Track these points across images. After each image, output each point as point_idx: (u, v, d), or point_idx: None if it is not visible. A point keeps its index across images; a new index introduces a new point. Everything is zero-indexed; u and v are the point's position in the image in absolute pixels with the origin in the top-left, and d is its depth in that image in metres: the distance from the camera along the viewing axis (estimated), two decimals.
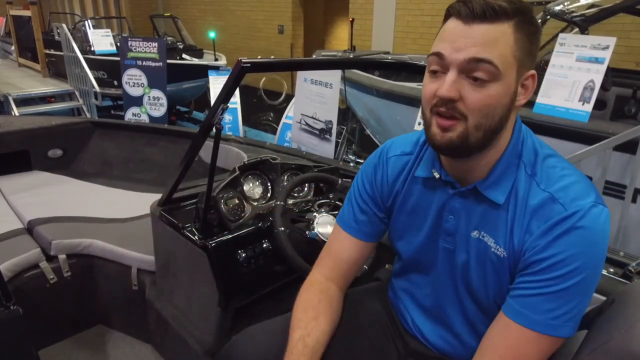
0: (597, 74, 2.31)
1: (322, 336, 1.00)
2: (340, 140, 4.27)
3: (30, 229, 2.05)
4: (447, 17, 0.82)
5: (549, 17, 2.88)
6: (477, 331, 0.96)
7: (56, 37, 7.11)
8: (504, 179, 0.86)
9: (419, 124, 3.05)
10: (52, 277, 1.88)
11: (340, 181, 1.62)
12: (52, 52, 7.10)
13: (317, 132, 3.56)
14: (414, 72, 1.68)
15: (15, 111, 5.66)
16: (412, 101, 3.42)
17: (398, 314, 1.13)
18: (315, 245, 1.44)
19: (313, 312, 1.02)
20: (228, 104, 1.26)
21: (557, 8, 2.81)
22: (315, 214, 1.49)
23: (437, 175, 0.94)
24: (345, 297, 1.16)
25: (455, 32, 0.79)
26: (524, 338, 0.80)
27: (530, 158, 0.86)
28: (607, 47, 2.29)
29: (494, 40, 0.77)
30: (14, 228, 2.04)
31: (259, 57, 1.30)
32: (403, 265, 1.08)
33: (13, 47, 8.27)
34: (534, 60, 0.82)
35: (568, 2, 2.82)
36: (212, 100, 5.11)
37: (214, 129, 1.28)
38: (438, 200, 0.95)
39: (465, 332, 0.98)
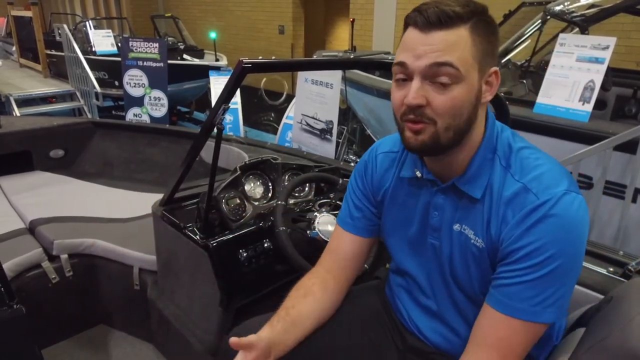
0: (598, 74, 2.32)
1: (306, 312, 1.04)
2: (340, 141, 4.28)
3: (32, 229, 2.06)
4: (406, 27, 0.85)
5: (549, 17, 2.88)
6: (471, 325, 0.97)
7: (57, 38, 7.12)
8: (480, 174, 0.89)
9: None
10: (54, 276, 1.88)
11: (341, 181, 1.62)
12: (53, 52, 7.11)
13: (318, 132, 3.57)
14: None
15: (17, 111, 5.67)
16: None
17: (395, 311, 1.15)
18: (316, 245, 1.45)
19: (303, 291, 1.08)
20: (229, 104, 1.26)
21: (557, 8, 2.82)
22: (316, 213, 1.50)
23: (419, 175, 0.97)
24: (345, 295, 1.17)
25: (415, 41, 0.82)
26: (509, 326, 0.82)
27: (505, 151, 0.89)
28: (607, 47, 2.30)
29: (453, 44, 0.80)
30: (15, 228, 2.05)
31: (260, 57, 1.31)
32: (397, 261, 1.10)
33: (14, 48, 8.28)
34: (494, 57, 0.86)
35: (568, 2, 2.83)
36: (213, 101, 5.12)
37: (215, 129, 1.29)
38: (423, 197, 0.99)
39: (460, 327, 0.99)
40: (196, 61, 6.74)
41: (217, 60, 6.50)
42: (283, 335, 0.99)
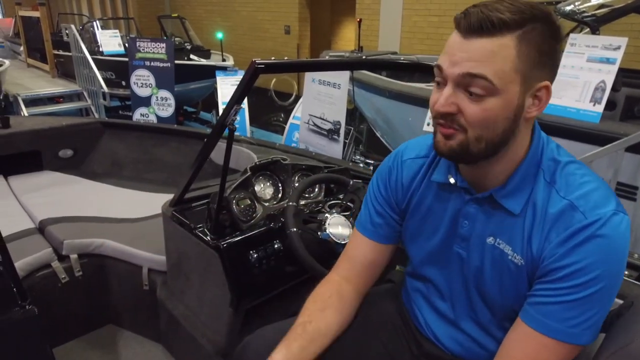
0: (609, 75, 2.30)
1: (325, 327, 1.00)
2: (347, 141, 4.27)
3: (41, 228, 2.07)
4: (454, 29, 0.81)
5: (559, 17, 2.86)
6: (490, 334, 0.96)
7: (65, 38, 7.16)
8: (522, 188, 0.85)
9: (428, 124, 3.05)
10: (63, 276, 1.89)
11: (351, 182, 1.62)
12: (61, 52, 7.16)
13: (325, 133, 3.56)
14: (427, 72, 1.67)
15: (25, 111, 5.70)
16: (420, 102, 3.41)
17: (411, 316, 1.13)
18: (327, 246, 1.45)
19: (321, 304, 1.04)
20: (241, 105, 1.26)
21: (568, 8, 2.80)
22: (327, 214, 1.49)
23: (452, 181, 0.93)
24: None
25: (454, 46, 0.79)
26: (543, 345, 0.80)
27: (549, 166, 0.85)
28: (618, 48, 2.28)
29: (491, 55, 0.75)
30: (25, 228, 2.05)
31: (273, 58, 1.30)
32: (416, 267, 1.08)
33: (22, 48, 8.34)
34: (548, 70, 0.79)
35: (579, 2, 2.81)
36: (220, 101, 5.13)
37: (227, 130, 1.28)
38: (453, 205, 0.95)
39: (478, 336, 0.98)
40: (203, 61, 6.76)
41: (223, 60, 6.52)
42: (300, 355, 0.95)
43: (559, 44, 0.79)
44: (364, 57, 4.37)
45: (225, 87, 5.12)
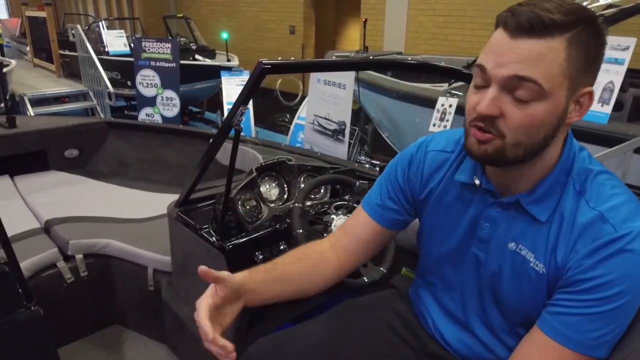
0: (617, 75, 2.27)
1: (293, 274, 1.01)
2: (352, 141, 4.26)
3: (47, 228, 2.07)
4: (496, 26, 0.78)
5: None
6: (500, 339, 0.95)
7: (70, 38, 7.19)
8: (550, 196, 0.83)
9: (434, 125, 3.03)
10: (69, 276, 1.89)
11: (357, 183, 1.61)
12: (67, 52, 7.18)
13: (330, 133, 3.55)
14: (436, 73, 1.66)
15: (31, 111, 5.73)
16: (427, 102, 3.40)
17: (418, 315, 1.12)
18: None
19: (299, 254, 1.05)
20: (247, 106, 1.25)
21: None
22: (333, 216, 1.48)
23: (477, 182, 0.91)
24: (356, 305, 1.15)
25: (500, 46, 0.75)
26: (561, 356, 0.78)
27: (580, 174, 0.83)
28: (627, 48, 2.25)
29: (541, 57, 0.71)
30: (31, 228, 2.06)
31: (280, 58, 1.30)
32: (429, 264, 1.06)
33: (28, 48, 8.38)
34: (592, 75, 0.77)
35: (587, 2, 2.78)
36: (225, 101, 5.13)
37: (234, 131, 1.28)
38: (475, 206, 0.93)
39: (487, 339, 0.97)
40: (208, 61, 6.76)
41: (228, 60, 6.52)
42: (260, 287, 0.96)
43: (604, 48, 0.76)
44: (371, 57, 4.36)
45: (230, 87, 5.12)
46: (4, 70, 4.96)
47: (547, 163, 0.83)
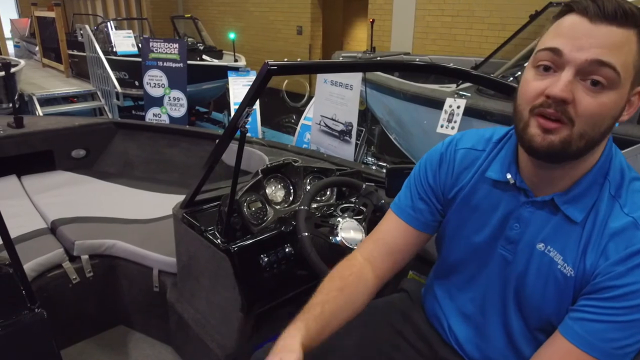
0: None
1: (340, 311, 0.95)
2: (359, 142, 4.24)
3: (53, 228, 2.07)
4: (564, 13, 0.76)
5: None
6: (518, 345, 0.92)
7: (79, 38, 7.24)
8: (586, 196, 0.81)
9: (441, 126, 3.01)
10: (74, 277, 1.89)
11: (364, 186, 1.59)
12: (75, 52, 7.23)
13: (337, 134, 3.54)
14: (444, 74, 1.64)
15: (39, 111, 5.77)
16: (434, 103, 3.37)
17: (432, 318, 1.09)
18: (338, 251, 1.42)
19: (340, 282, 0.98)
20: (253, 107, 1.24)
21: None
22: (339, 219, 1.47)
23: (511, 181, 0.88)
24: (366, 308, 1.13)
25: (579, 30, 0.72)
26: None
27: (616, 178, 0.81)
28: None
29: (620, 44, 0.71)
30: (38, 228, 2.06)
31: (286, 59, 1.28)
32: (448, 264, 1.03)
33: (37, 48, 8.44)
34: None
35: None
36: (232, 101, 5.13)
37: (239, 132, 1.27)
38: (506, 205, 0.90)
39: (504, 345, 0.94)
40: (215, 62, 6.77)
41: (235, 60, 6.53)
42: (317, 337, 0.90)
43: None
44: (378, 57, 4.33)
45: (237, 88, 5.12)
46: (12, 70, 4.99)
47: (589, 162, 0.80)
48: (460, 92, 3.21)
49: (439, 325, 1.06)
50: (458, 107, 2.91)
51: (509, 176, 0.88)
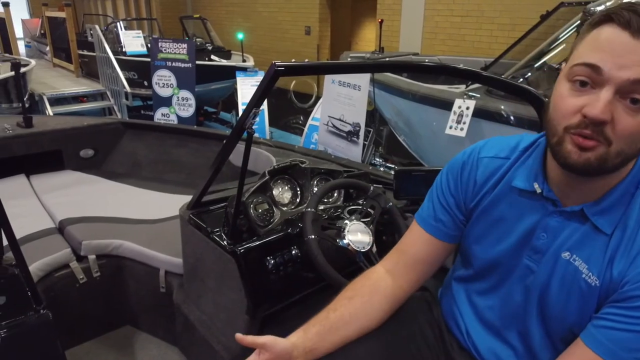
0: None
1: (349, 316, 0.96)
2: (366, 143, 4.22)
3: (61, 228, 2.08)
4: (601, 23, 0.72)
5: (589, 17, 2.77)
6: (536, 354, 0.90)
7: (89, 38, 7.29)
8: (617, 207, 0.78)
9: (450, 127, 2.98)
10: (81, 277, 1.89)
11: (372, 188, 1.57)
12: (85, 52, 7.28)
13: (345, 135, 3.53)
14: (454, 75, 1.62)
15: (49, 110, 5.82)
16: (443, 104, 3.35)
17: (450, 322, 1.07)
18: (346, 254, 1.41)
19: (350, 293, 0.99)
20: (260, 108, 1.23)
21: (599, 8, 2.70)
22: (346, 221, 1.45)
23: (539, 190, 0.85)
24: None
25: (621, 45, 0.68)
26: None
27: None
28: None
29: None
30: (45, 227, 2.07)
31: (293, 60, 1.27)
32: (468, 271, 1.01)
33: (48, 48, 8.52)
34: None
35: (610, 2, 2.71)
36: (240, 101, 5.14)
37: (246, 133, 1.26)
38: (532, 215, 0.87)
39: (524, 353, 0.92)
40: (223, 62, 6.79)
41: (244, 61, 6.54)
42: (318, 342, 0.92)
43: None
44: (386, 58, 4.31)
45: (245, 88, 5.13)
46: (23, 70, 5.03)
47: (622, 173, 0.78)
48: (470, 93, 3.18)
49: (457, 329, 1.04)
50: (467, 108, 2.88)
51: (535, 186, 0.86)
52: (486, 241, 0.95)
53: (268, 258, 1.42)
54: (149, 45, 6.22)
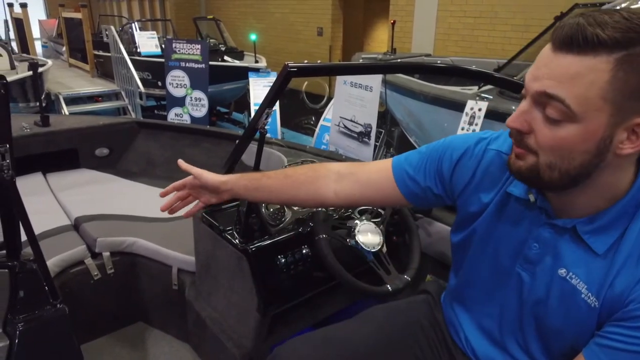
0: None
1: (276, 190, 1.09)
2: (378, 144, 4.22)
3: (76, 225, 2.12)
4: None
5: None
6: (532, 358, 0.90)
7: (104, 39, 7.39)
8: (613, 227, 0.76)
9: (462, 129, 2.97)
10: (96, 273, 1.92)
11: None
12: (101, 53, 7.39)
13: (356, 136, 3.53)
14: (466, 76, 1.62)
15: (65, 110, 5.91)
16: (455, 105, 3.34)
17: (450, 328, 1.08)
18: (356, 254, 1.42)
19: (291, 172, 1.10)
20: (272, 109, 1.25)
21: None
22: (356, 221, 1.46)
23: (532, 199, 0.85)
24: (388, 308, 1.13)
25: (541, 58, 0.70)
26: None
27: None
28: None
29: (575, 76, 0.65)
30: (61, 224, 2.11)
31: (306, 61, 1.28)
32: (465, 276, 1.01)
33: (64, 48, 8.65)
34: None
35: (626, 4, 2.68)
36: (252, 102, 5.17)
37: (258, 133, 1.27)
38: (526, 223, 0.87)
39: (520, 357, 0.92)
40: (236, 63, 6.84)
41: (256, 61, 6.58)
42: (245, 192, 1.12)
43: None
44: (399, 59, 4.31)
45: (258, 88, 5.16)
46: (40, 70, 5.11)
47: (607, 192, 0.76)
48: (482, 95, 3.16)
49: (457, 335, 1.05)
50: (479, 110, 2.87)
51: (530, 194, 0.85)
52: (487, 246, 0.94)
53: (279, 257, 1.44)
54: (163, 46, 6.29)
